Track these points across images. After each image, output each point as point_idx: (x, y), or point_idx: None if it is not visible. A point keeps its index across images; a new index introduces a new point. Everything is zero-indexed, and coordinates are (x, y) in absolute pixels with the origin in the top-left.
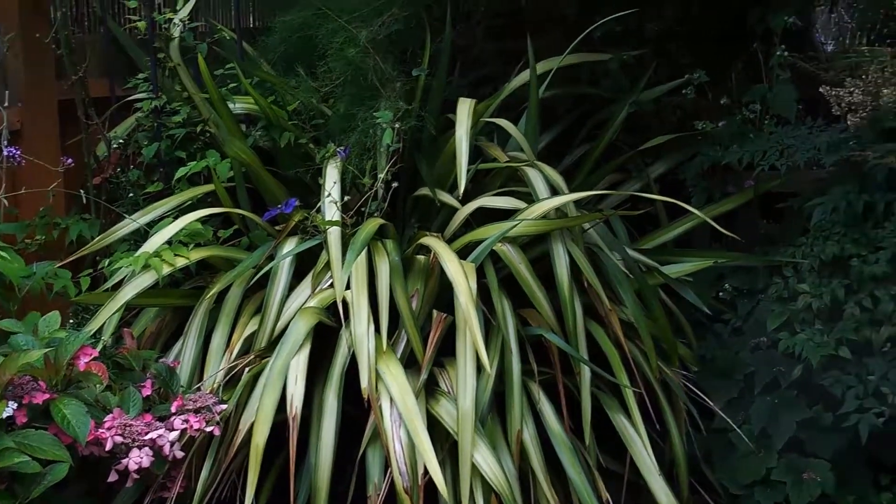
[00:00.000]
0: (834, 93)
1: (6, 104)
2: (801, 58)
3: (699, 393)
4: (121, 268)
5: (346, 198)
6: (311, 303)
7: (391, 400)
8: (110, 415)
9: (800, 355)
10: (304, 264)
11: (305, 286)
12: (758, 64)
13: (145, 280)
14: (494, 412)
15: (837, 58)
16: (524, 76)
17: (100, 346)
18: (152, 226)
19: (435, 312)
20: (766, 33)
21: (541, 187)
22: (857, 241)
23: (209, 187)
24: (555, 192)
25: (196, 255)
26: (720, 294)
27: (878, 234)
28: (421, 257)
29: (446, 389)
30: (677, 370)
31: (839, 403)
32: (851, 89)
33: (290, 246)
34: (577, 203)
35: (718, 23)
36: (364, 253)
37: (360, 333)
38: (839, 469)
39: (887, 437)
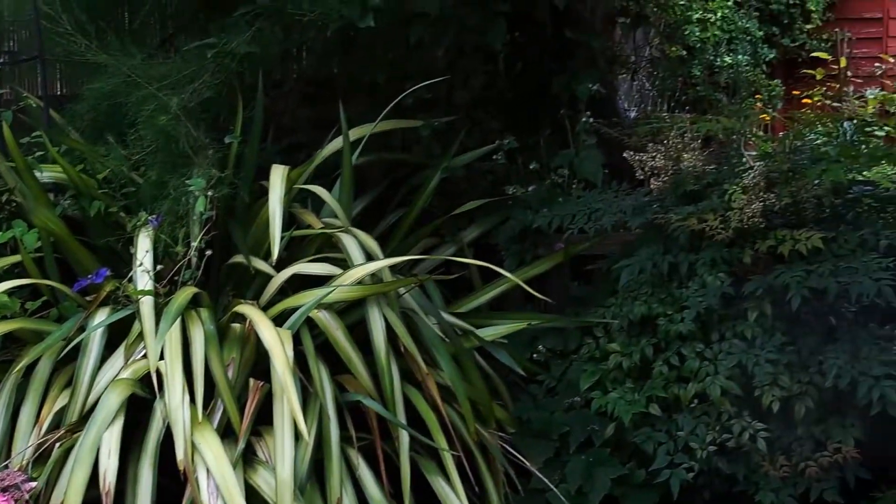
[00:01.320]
0: (637, 158)
1: None
2: (606, 124)
3: (516, 454)
4: None
5: (158, 267)
6: (124, 374)
7: (208, 471)
8: None
9: (612, 414)
10: (117, 335)
11: (118, 357)
12: (565, 130)
13: None
14: (314, 480)
15: (640, 124)
16: (338, 143)
17: None
18: None
19: (252, 381)
20: (572, 100)
21: (356, 253)
22: (663, 300)
23: (16, 258)
24: (370, 257)
25: (2, 328)
26: (534, 355)
27: (683, 294)
28: (237, 325)
29: (264, 458)
30: (495, 432)
31: (651, 459)
32: (654, 154)
33: (101, 317)
34: (392, 268)
35: (526, 90)
36: (178, 322)
37: (175, 404)
38: None
39: (697, 491)
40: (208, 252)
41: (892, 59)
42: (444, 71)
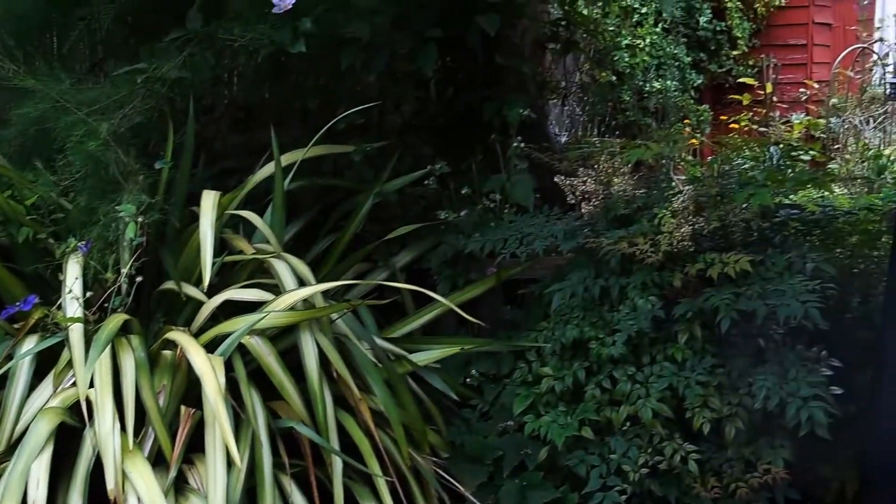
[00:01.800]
0: (568, 182)
1: None
2: (537, 149)
3: (450, 479)
4: None
5: (88, 294)
6: (53, 402)
7: (139, 500)
8: None
9: (545, 437)
10: (46, 363)
11: (47, 385)
12: (496, 155)
13: None
14: None
15: (570, 149)
16: (269, 168)
17: None
18: None
19: (183, 408)
20: (503, 125)
21: (288, 279)
22: (594, 324)
23: None
24: (302, 283)
25: None
26: (468, 380)
27: (615, 317)
28: (168, 352)
29: (196, 486)
30: (428, 457)
31: (584, 483)
32: (584, 179)
33: (29, 344)
34: (324, 293)
35: (457, 115)
36: (108, 350)
37: (105, 432)
38: None
39: None
40: (139, 278)
41: (816, 85)
42: (376, 96)
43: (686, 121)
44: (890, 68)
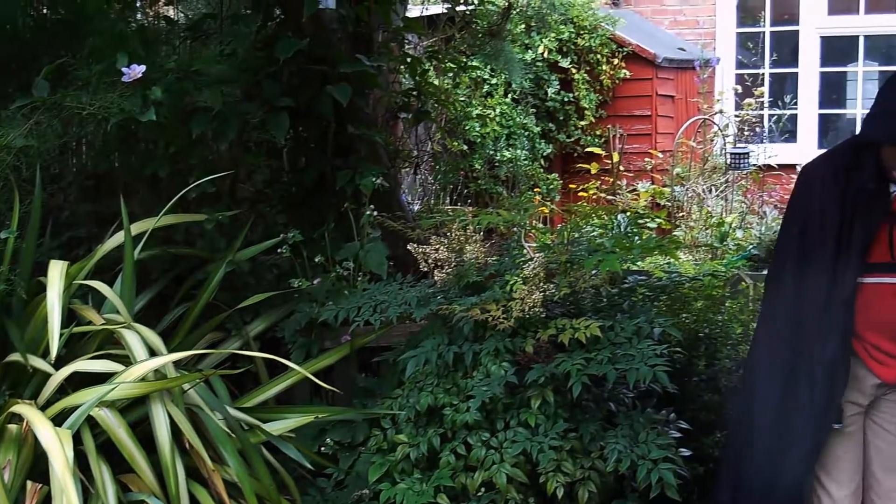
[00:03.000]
0: (421, 250)
1: None
2: (390, 217)
3: None
4: None
5: None
6: None
7: None
8: None
9: None
10: None
11: None
12: (350, 223)
13: None
14: None
15: (423, 217)
16: (119, 237)
17: None
18: None
19: (30, 483)
20: (356, 194)
21: (138, 349)
22: (449, 390)
23: None
24: (153, 353)
25: None
26: (322, 448)
27: (468, 384)
28: (13, 426)
29: None
30: None
31: None
32: (437, 247)
33: None
34: (176, 363)
35: (310, 184)
36: None
37: None
38: None
39: None
40: None
41: (660, 155)
42: (228, 165)
43: (536, 189)
44: (730, 139)
